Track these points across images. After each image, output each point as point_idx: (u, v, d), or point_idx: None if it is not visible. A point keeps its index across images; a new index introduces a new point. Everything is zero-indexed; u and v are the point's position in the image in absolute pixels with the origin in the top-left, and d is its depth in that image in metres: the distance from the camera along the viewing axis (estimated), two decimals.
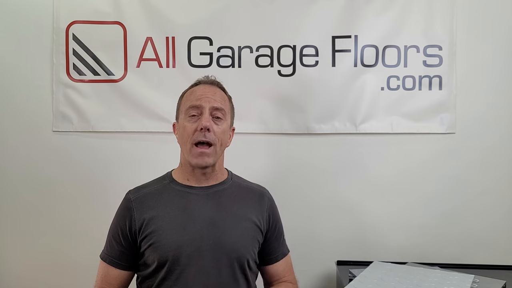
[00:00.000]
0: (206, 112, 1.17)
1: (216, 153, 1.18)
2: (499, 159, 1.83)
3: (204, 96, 1.19)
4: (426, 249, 1.83)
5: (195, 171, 1.21)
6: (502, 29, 1.81)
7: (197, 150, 1.16)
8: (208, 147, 1.16)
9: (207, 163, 1.17)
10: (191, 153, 1.17)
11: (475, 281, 1.32)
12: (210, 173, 1.22)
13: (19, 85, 1.88)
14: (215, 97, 1.20)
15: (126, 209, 1.21)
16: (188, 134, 1.17)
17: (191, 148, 1.17)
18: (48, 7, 1.86)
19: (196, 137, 1.16)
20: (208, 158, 1.16)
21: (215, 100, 1.19)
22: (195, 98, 1.20)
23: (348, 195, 1.86)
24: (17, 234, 1.90)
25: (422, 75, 1.82)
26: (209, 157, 1.17)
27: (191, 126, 1.17)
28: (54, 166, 1.89)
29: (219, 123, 1.19)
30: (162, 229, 1.16)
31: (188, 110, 1.19)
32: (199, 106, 1.18)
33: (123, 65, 1.86)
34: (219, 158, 1.22)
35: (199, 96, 1.19)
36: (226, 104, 1.24)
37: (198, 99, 1.19)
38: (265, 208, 1.27)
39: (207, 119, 1.16)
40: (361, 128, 1.84)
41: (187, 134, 1.17)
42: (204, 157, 1.16)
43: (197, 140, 1.16)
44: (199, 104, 1.18)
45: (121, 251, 1.20)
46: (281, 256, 1.32)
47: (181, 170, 1.25)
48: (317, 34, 1.83)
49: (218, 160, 1.21)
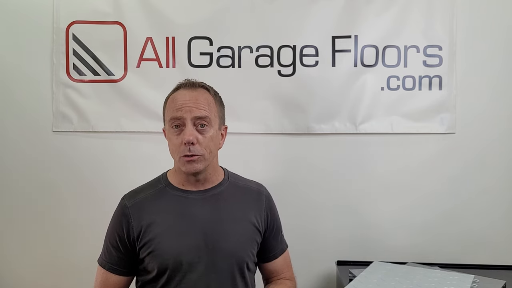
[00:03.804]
0: (189, 124, 1.12)
1: (206, 159, 1.16)
2: (498, 159, 1.83)
3: (185, 105, 1.13)
4: (426, 249, 1.83)
5: (189, 177, 1.20)
6: (501, 29, 1.81)
7: (185, 159, 1.14)
8: (195, 156, 1.14)
9: (196, 169, 1.15)
10: (180, 163, 1.16)
11: (475, 281, 1.32)
12: (203, 177, 1.21)
13: (19, 85, 1.88)
14: (197, 104, 1.14)
15: (123, 215, 1.19)
16: (175, 147, 1.15)
17: (179, 159, 1.15)
18: (48, 7, 1.85)
19: (182, 150, 1.13)
20: (197, 165, 1.14)
21: (197, 109, 1.13)
22: (175, 108, 1.14)
23: (348, 195, 1.86)
24: (17, 234, 1.90)
25: (422, 75, 1.82)
26: (198, 163, 1.14)
27: (176, 139, 1.14)
28: (54, 166, 1.89)
29: (204, 131, 1.14)
30: (160, 236, 1.15)
31: (170, 121, 1.15)
32: (180, 117, 1.13)
33: (123, 65, 1.86)
34: (212, 162, 1.20)
35: (180, 106, 1.14)
36: (211, 107, 1.17)
37: (179, 109, 1.13)
38: (263, 208, 1.27)
39: (190, 132, 1.12)
40: (361, 128, 1.84)
41: (174, 147, 1.16)
42: (193, 164, 1.14)
43: (183, 154, 1.13)
44: (180, 115, 1.13)
45: (119, 257, 1.20)
46: (280, 253, 1.32)
47: (176, 174, 1.23)
48: (317, 34, 1.83)
49: (210, 164, 1.19)
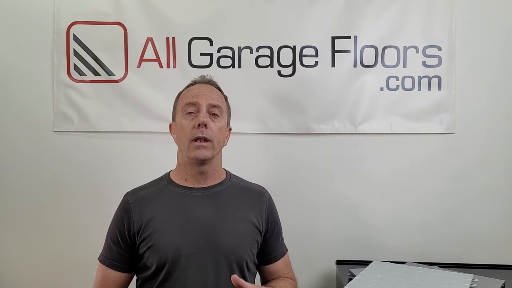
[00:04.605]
0: (203, 109, 1.18)
1: (214, 148, 1.18)
2: (498, 159, 1.83)
3: (201, 93, 1.21)
4: (426, 249, 1.84)
5: (193, 170, 1.20)
6: (501, 30, 1.81)
7: (195, 144, 1.16)
8: (206, 142, 1.16)
9: (205, 156, 1.16)
10: (189, 148, 1.17)
11: (474, 281, 1.33)
12: (208, 172, 1.22)
13: (20, 85, 1.89)
14: (211, 94, 1.22)
15: (124, 211, 1.20)
16: (186, 132, 1.17)
17: (189, 144, 1.17)
18: (48, 8, 1.86)
19: (194, 133, 1.16)
20: (206, 151, 1.16)
21: (211, 98, 1.21)
22: (191, 95, 1.21)
23: (348, 195, 1.87)
24: (17, 234, 1.91)
25: (421, 75, 1.82)
26: (207, 150, 1.16)
27: (188, 124, 1.18)
28: (55, 166, 1.89)
29: (216, 120, 1.20)
30: (160, 231, 1.16)
31: (185, 108, 1.20)
32: (195, 103, 1.19)
33: (123, 65, 1.86)
34: (217, 156, 1.22)
35: (196, 94, 1.21)
36: (223, 102, 1.25)
37: (195, 96, 1.20)
38: (264, 209, 1.28)
39: (205, 115, 1.17)
40: (361, 128, 1.85)
41: (185, 131, 1.18)
42: (202, 150, 1.16)
43: (195, 136, 1.16)
44: (196, 101, 1.19)
45: (120, 253, 1.20)
46: (280, 255, 1.33)
47: (178, 171, 1.24)
48: (317, 35, 1.83)
49: (215, 158, 1.22)
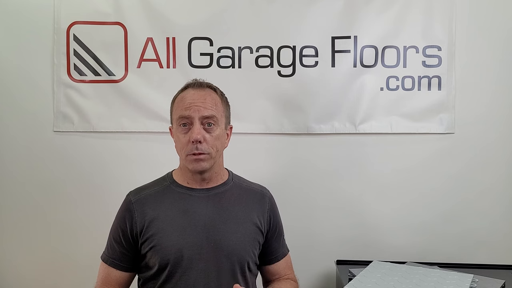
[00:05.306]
0: (197, 123, 1.15)
1: (212, 158, 1.18)
2: (498, 159, 1.83)
3: (193, 104, 1.16)
4: (426, 249, 1.84)
5: (194, 175, 1.21)
6: (501, 30, 1.81)
7: (192, 157, 1.16)
8: (202, 155, 1.16)
9: (203, 168, 1.17)
10: (187, 161, 1.18)
11: (474, 281, 1.33)
12: (209, 176, 1.22)
13: (20, 85, 1.89)
14: (205, 104, 1.17)
15: (127, 210, 1.21)
16: (182, 146, 1.18)
17: (186, 157, 1.18)
18: (48, 8, 1.86)
19: (189, 149, 1.16)
20: (204, 163, 1.17)
21: (205, 108, 1.16)
22: (184, 106, 1.17)
23: (348, 195, 1.87)
24: (17, 234, 1.91)
25: (421, 75, 1.82)
26: (205, 162, 1.17)
27: (183, 138, 1.17)
28: (55, 166, 1.89)
29: (211, 130, 1.17)
30: (163, 232, 1.16)
31: (178, 120, 1.19)
32: (188, 116, 1.16)
33: (123, 65, 1.86)
34: (217, 160, 1.22)
35: (188, 105, 1.17)
36: (218, 107, 1.20)
37: (187, 108, 1.16)
38: (266, 209, 1.28)
39: (198, 131, 1.15)
40: (361, 128, 1.85)
41: (181, 144, 1.18)
42: (199, 162, 1.16)
43: (190, 152, 1.16)
44: (188, 114, 1.16)
45: (122, 252, 1.21)
46: (282, 256, 1.33)
47: (181, 173, 1.25)
48: (317, 35, 1.84)
49: (216, 162, 1.21)
